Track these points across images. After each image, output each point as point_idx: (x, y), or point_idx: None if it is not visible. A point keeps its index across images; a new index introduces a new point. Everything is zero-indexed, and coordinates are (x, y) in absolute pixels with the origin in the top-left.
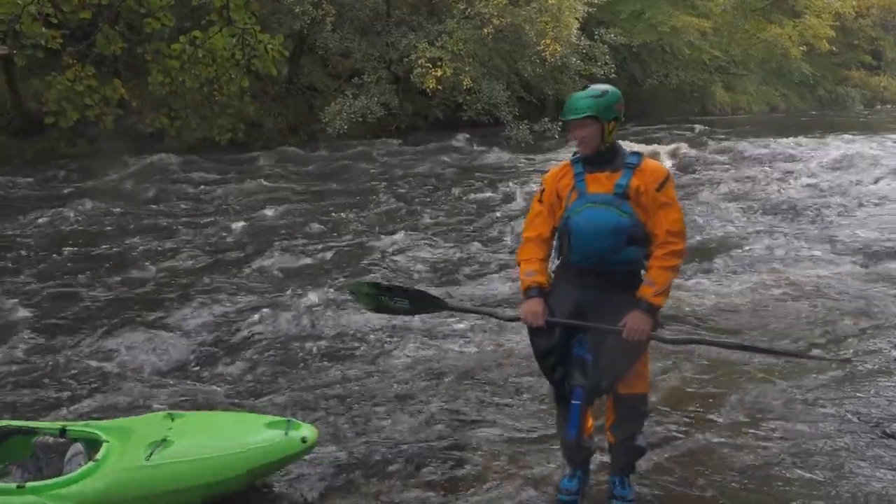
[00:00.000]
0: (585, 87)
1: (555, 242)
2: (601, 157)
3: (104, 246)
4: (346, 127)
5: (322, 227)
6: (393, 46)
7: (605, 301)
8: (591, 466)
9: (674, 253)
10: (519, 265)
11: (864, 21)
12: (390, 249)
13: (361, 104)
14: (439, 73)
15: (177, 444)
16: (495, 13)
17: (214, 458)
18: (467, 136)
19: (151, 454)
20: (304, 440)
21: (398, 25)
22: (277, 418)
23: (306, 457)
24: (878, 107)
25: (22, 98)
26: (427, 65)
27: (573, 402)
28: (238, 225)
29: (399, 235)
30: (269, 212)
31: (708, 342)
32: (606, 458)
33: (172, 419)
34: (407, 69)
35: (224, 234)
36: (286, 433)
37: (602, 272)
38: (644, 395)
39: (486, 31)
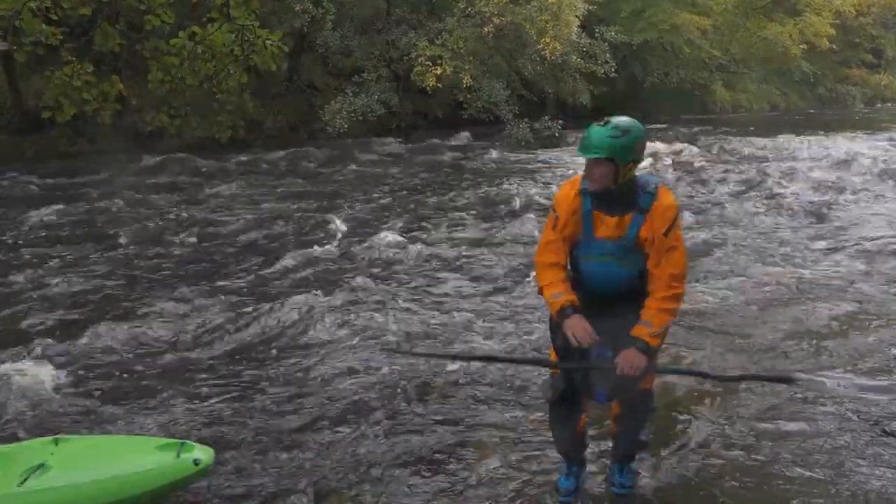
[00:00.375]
0: (606, 122)
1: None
2: (611, 196)
3: (59, 252)
4: (346, 126)
5: (310, 228)
6: (393, 45)
7: (617, 321)
8: (589, 463)
9: (675, 297)
10: (541, 291)
11: (865, 19)
12: (387, 250)
13: (362, 102)
14: (439, 72)
15: (55, 470)
16: (495, 12)
17: (93, 484)
18: (468, 134)
19: (25, 480)
20: (196, 463)
21: (398, 24)
22: (170, 440)
23: (206, 482)
24: (879, 105)
25: (22, 96)
26: (427, 63)
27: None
28: (219, 230)
29: (396, 236)
30: (257, 213)
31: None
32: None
33: (56, 444)
34: (407, 67)
35: (201, 238)
36: (178, 456)
37: (612, 300)
38: (649, 391)
39: (486, 29)
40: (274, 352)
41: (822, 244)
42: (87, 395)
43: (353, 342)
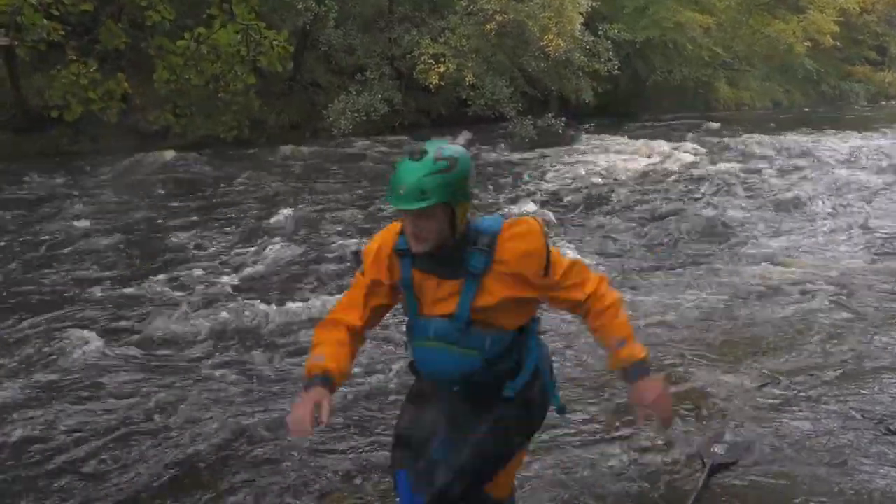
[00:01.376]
0: (422, 153)
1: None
2: (444, 252)
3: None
4: (350, 127)
5: (299, 228)
6: (396, 43)
7: (467, 410)
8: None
9: (614, 302)
10: (312, 349)
11: (869, 17)
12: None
13: (365, 101)
14: (442, 70)
15: None
16: (498, 9)
17: None
18: (471, 132)
19: None
20: None
21: (401, 21)
22: None
23: None
24: (883, 102)
25: (24, 95)
26: (430, 61)
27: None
28: (196, 232)
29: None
30: (249, 213)
31: None
32: None
33: None
34: (410, 65)
35: (161, 242)
36: None
37: (456, 392)
38: (509, 500)
39: (488, 27)
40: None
41: (828, 240)
42: None
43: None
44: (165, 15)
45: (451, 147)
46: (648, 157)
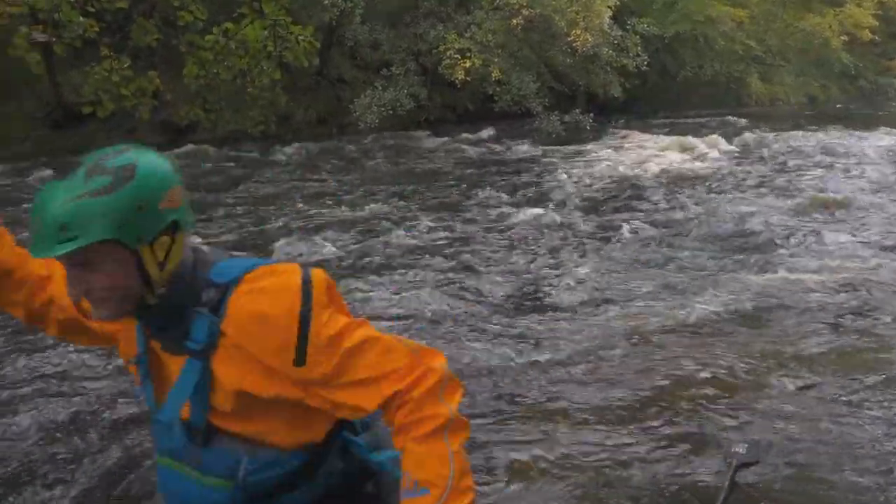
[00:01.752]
0: (72, 171)
1: None
2: (157, 316)
3: None
4: (377, 121)
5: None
6: (421, 38)
7: None
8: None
9: (436, 416)
10: None
11: None
12: (403, 245)
13: (391, 96)
14: (468, 65)
15: None
16: (524, 3)
17: None
18: (497, 128)
19: None
20: None
21: (427, 17)
22: None
23: None
24: None
25: (61, 91)
26: (456, 56)
27: None
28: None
29: (413, 230)
30: (278, 207)
31: None
32: None
33: None
34: (435, 61)
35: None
36: None
37: None
38: None
39: (515, 21)
40: None
41: (862, 239)
42: None
43: None
44: (198, 15)
45: (129, 153)
46: (675, 154)
